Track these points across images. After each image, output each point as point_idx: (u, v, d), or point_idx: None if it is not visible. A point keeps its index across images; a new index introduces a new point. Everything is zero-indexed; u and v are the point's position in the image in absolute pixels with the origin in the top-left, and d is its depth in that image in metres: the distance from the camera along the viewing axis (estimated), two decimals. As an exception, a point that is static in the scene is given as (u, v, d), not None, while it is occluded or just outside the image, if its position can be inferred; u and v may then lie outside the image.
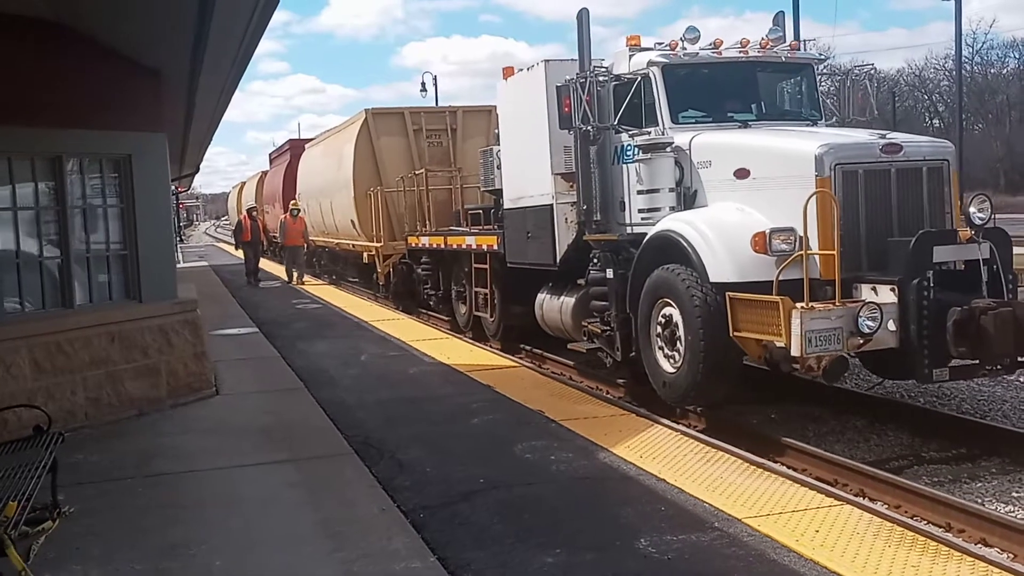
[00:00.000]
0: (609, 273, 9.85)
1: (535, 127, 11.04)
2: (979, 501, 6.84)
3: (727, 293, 7.88)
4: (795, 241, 7.77)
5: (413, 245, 17.18)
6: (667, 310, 8.70)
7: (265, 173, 39.25)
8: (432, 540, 5.20)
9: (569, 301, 11.06)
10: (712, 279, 8.13)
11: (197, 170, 28.15)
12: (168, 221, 10.10)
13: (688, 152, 9.10)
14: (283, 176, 30.42)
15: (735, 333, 7.83)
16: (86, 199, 8.85)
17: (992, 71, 70.33)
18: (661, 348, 8.85)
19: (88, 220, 8.88)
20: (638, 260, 9.25)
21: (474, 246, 13.80)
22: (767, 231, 7.88)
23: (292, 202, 25.01)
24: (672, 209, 9.04)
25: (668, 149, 9.11)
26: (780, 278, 7.44)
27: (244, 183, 48.66)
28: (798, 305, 7.22)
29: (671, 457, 6.69)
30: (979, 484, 7.33)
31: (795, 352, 7.22)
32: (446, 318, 16.22)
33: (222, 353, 11.74)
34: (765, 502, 5.64)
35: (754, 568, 4.66)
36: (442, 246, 15.44)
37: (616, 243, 9.86)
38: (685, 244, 8.46)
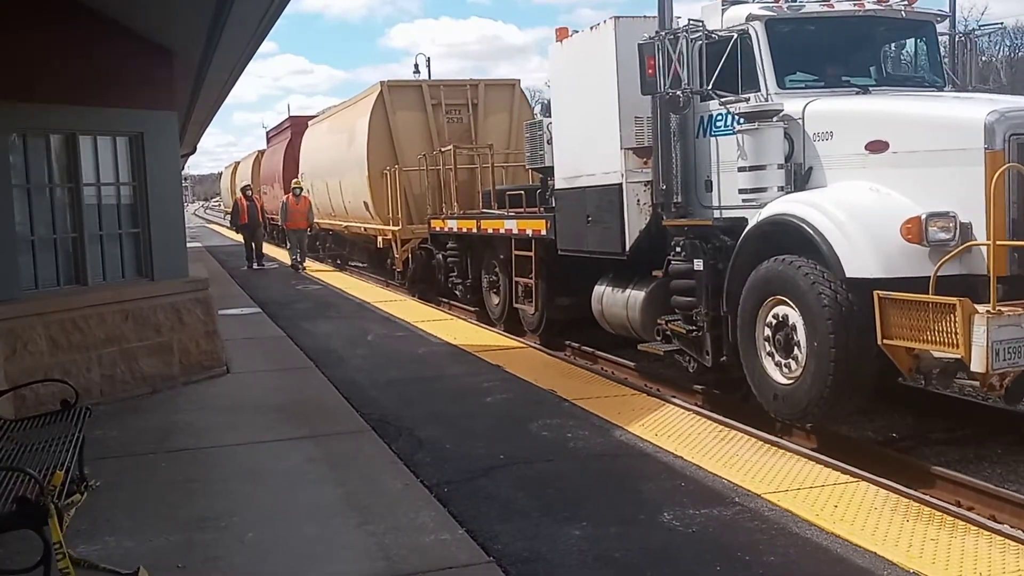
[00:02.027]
0: (697, 264, 8.50)
1: (600, 95, 9.71)
2: (986, 480, 6.96)
3: (876, 292, 6.49)
4: (955, 228, 6.57)
5: (437, 229, 15.85)
6: (780, 310, 7.40)
7: (262, 152, 38.80)
8: (458, 514, 5.29)
9: (638, 295, 9.68)
10: (848, 274, 6.77)
11: (194, 150, 28.01)
12: (179, 199, 10.12)
13: (801, 122, 7.82)
14: (283, 155, 29.52)
15: (885, 341, 6.47)
16: (99, 177, 8.88)
17: (983, 58, 70.65)
18: (770, 354, 7.55)
19: (101, 198, 8.92)
20: (739, 250, 7.95)
21: (515, 231, 12.40)
22: (923, 216, 6.60)
23: (295, 181, 23.78)
24: (780, 189, 7.76)
25: (775, 118, 7.81)
26: (939, 274, 6.28)
27: (238, 163, 48.07)
28: (981, 309, 5.96)
29: (686, 435, 6.80)
30: (985, 464, 7.47)
31: (978, 367, 5.96)
32: (473, 309, 15.03)
33: (228, 332, 11.74)
34: (783, 478, 5.76)
35: (778, 541, 4.77)
36: (473, 231, 14.02)
37: (706, 229, 8.53)
38: (811, 231, 7.09)
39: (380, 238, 19.48)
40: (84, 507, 5.29)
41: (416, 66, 40.01)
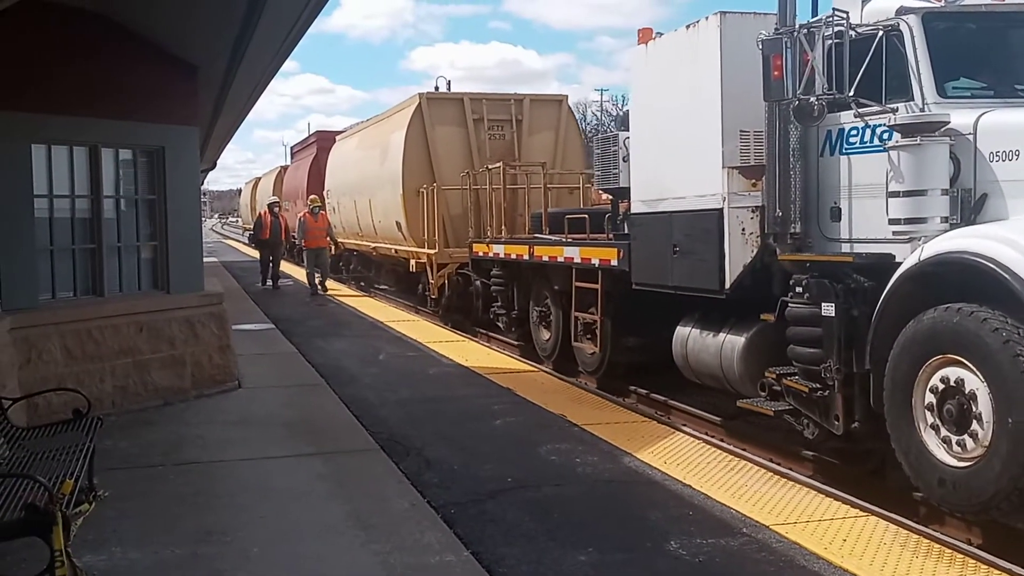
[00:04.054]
0: (827, 309, 6.89)
1: (698, 104, 8.34)
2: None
3: None
4: None
5: (480, 254, 14.32)
6: (952, 372, 5.81)
7: (285, 168, 38.77)
8: (464, 535, 5.28)
9: (735, 341, 8.12)
10: None
11: (213, 166, 28.19)
12: (197, 214, 10.25)
13: (971, 138, 6.37)
14: (308, 171, 28.92)
15: None
16: (119, 189, 8.98)
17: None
18: (935, 427, 5.95)
19: (120, 210, 9.02)
20: (890, 294, 6.40)
21: (578, 260, 10.80)
22: None
23: (312, 198, 22.32)
24: (944, 220, 6.29)
25: (938, 132, 6.38)
26: None
27: (260, 178, 48.09)
28: None
29: (695, 464, 6.77)
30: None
31: None
32: (517, 343, 13.61)
33: (240, 347, 11.77)
34: (791, 510, 5.72)
35: (785, 573, 4.74)
36: (524, 257, 12.42)
37: (837, 267, 6.98)
38: (1004, 275, 5.52)
39: (413, 261, 18.22)
40: (92, 517, 5.32)
41: (436, 88, 40.16)
